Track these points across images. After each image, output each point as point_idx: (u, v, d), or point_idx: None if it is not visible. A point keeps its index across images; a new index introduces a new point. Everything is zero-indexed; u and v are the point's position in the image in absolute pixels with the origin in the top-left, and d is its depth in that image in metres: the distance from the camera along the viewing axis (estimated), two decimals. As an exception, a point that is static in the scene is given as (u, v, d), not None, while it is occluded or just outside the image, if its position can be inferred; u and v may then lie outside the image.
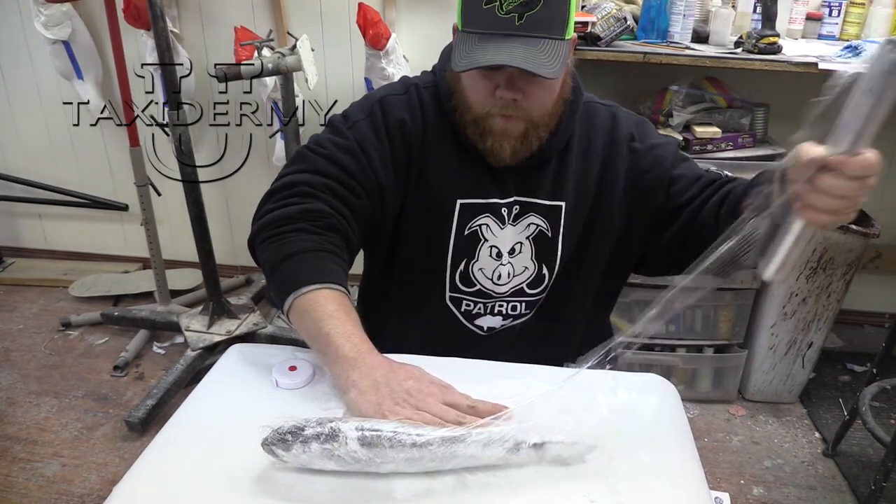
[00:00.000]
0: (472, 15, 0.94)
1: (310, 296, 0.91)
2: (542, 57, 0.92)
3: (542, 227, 1.09)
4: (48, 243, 3.13)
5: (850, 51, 1.94)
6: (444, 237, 1.09)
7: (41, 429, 2.13)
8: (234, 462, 0.77)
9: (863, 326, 2.73)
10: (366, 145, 1.04)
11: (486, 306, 1.13)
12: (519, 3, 0.91)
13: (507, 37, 0.92)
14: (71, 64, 2.55)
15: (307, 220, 0.98)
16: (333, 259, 0.96)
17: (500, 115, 0.99)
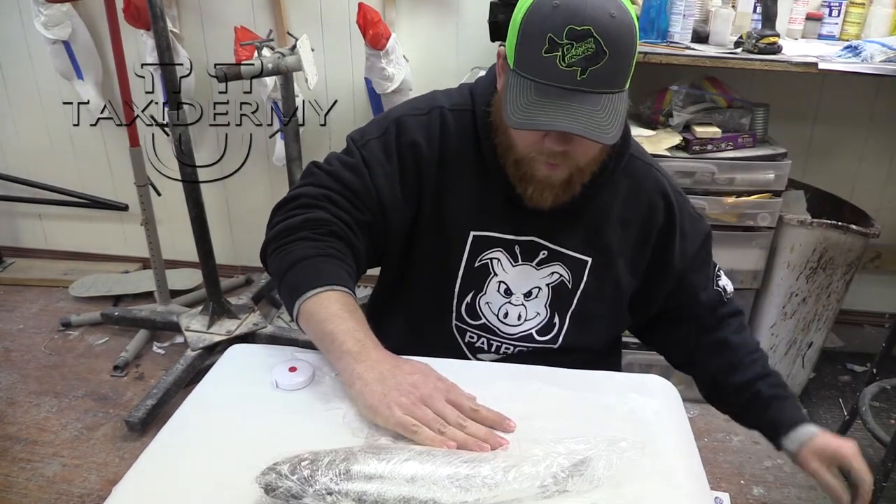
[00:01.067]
0: (530, 59, 0.87)
1: (314, 299, 0.91)
2: (602, 118, 0.86)
3: (564, 277, 1.08)
4: (48, 243, 3.13)
5: (850, 51, 1.94)
6: (455, 266, 1.07)
7: (41, 429, 2.13)
8: (234, 463, 0.77)
9: (863, 326, 2.73)
10: (372, 163, 1.03)
11: (491, 344, 1.11)
12: (583, 56, 0.83)
13: (567, 92, 0.85)
14: (71, 64, 2.55)
15: (309, 229, 0.99)
16: (335, 262, 0.96)
17: (545, 163, 0.95)
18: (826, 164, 2.48)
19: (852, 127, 2.44)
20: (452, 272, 1.07)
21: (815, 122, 2.45)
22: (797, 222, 2.02)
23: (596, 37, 0.83)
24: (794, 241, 2.04)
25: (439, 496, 0.69)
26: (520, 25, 0.87)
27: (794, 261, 2.06)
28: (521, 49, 0.88)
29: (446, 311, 1.10)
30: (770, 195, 2.03)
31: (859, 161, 2.49)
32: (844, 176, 2.49)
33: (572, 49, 0.83)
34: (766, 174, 2.02)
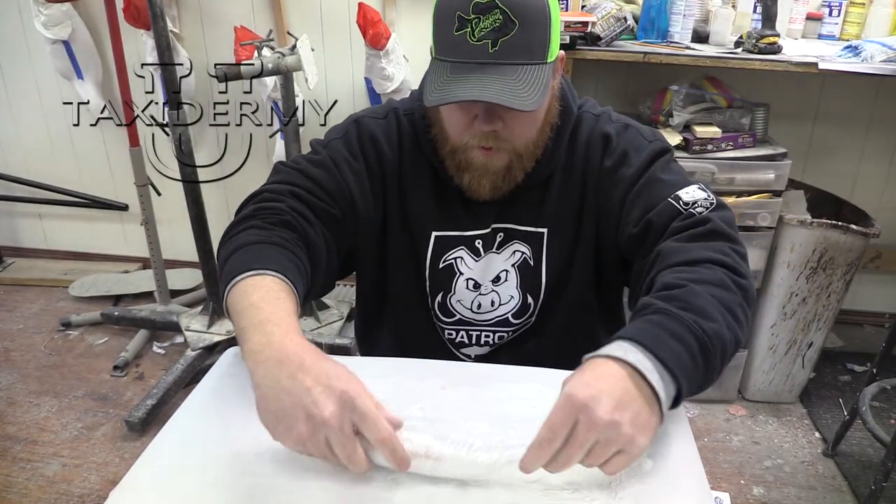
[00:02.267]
0: (444, 41, 0.88)
1: (238, 286, 0.83)
2: (519, 87, 0.86)
3: (525, 254, 1.06)
4: (48, 243, 3.13)
5: (850, 51, 1.94)
6: (422, 268, 1.07)
7: (41, 429, 2.13)
8: (234, 464, 0.77)
9: (863, 326, 2.73)
10: (338, 160, 1.02)
11: (470, 336, 1.11)
12: (492, 28, 0.84)
13: (480, 66, 0.86)
14: (71, 64, 2.55)
15: (259, 218, 0.94)
16: (275, 249, 0.89)
17: (479, 147, 0.94)
18: (826, 163, 2.48)
19: (852, 127, 2.44)
20: (420, 273, 1.07)
21: (815, 122, 2.45)
22: (797, 222, 2.02)
23: (502, 7, 0.84)
24: (794, 241, 2.04)
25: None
26: (434, 12, 0.89)
27: (794, 261, 2.06)
28: (436, 34, 0.89)
29: (425, 313, 1.11)
30: (770, 195, 2.03)
31: (859, 161, 2.49)
32: (844, 176, 2.49)
33: (480, 22, 0.84)
34: (766, 174, 2.02)
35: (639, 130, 1.04)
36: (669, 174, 0.99)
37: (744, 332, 0.83)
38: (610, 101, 1.15)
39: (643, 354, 0.72)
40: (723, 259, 0.86)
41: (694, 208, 0.93)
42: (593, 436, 0.67)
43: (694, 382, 0.75)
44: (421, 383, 0.90)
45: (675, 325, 0.75)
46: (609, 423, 0.67)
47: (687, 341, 0.74)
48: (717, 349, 0.76)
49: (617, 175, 1.01)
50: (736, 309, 0.81)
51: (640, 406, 0.69)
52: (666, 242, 0.91)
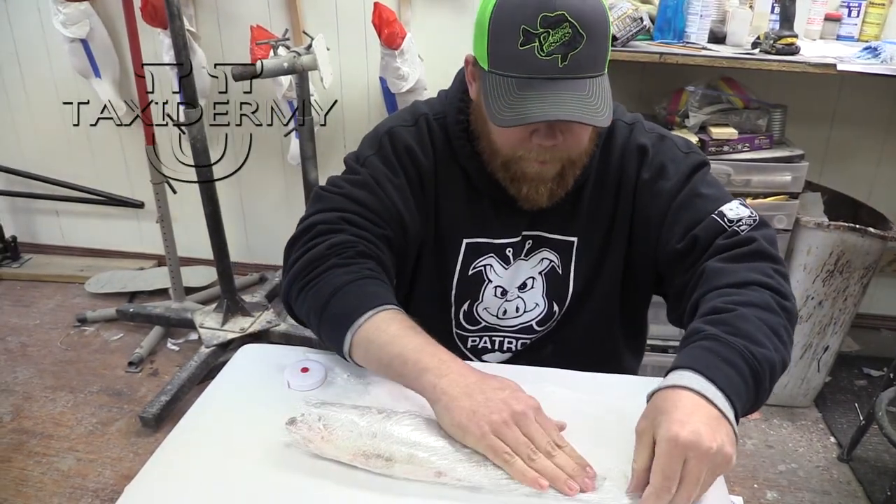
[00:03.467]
0: (505, 55, 0.85)
1: (366, 326, 0.85)
2: (592, 102, 0.84)
3: (554, 262, 1.05)
4: (65, 239, 3.17)
5: (869, 52, 1.92)
6: (450, 275, 1.06)
7: (57, 423, 2.15)
8: (246, 462, 0.78)
9: (880, 331, 2.70)
10: (380, 178, 1.00)
11: (493, 342, 1.11)
12: (561, 42, 0.82)
13: (550, 81, 0.83)
14: (89, 62, 2.57)
15: (335, 255, 0.92)
16: (375, 283, 0.90)
17: (535, 160, 0.92)
18: (843, 166, 2.46)
19: (870, 129, 2.42)
20: (448, 281, 1.06)
21: (832, 124, 2.42)
22: (814, 224, 2.00)
23: (571, 21, 0.82)
24: (811, 244, 2.02)
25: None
26: (488, 25, 0.86)
27: (810, 263, 2.04)
28: (495, 48, 0.86)
29: (447, 322, 1.10)
30: (787, 197, 2.01)
31: (877, 163, 2.46)
32: (862, 178, 2.47)
33: (549, 37, 0.82)
34: (783, 176, 2.00)
35: (674, 142, 1.04)
36: (709, 188, 0.99)
37: (789, 354, 0.84)
38: (625, 101, 1.13)
39: (704, 381, 0.74)
40: (767, 282, 0.87)
41: (738, 226, 0.94)
42: (704, 466, 0.70)
43: (747, 405, 0.78)
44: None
45: (727, 351, 0.77)
46: (716, 451, 0.69)
47: (739, 366, 0.77)
48: (766, 372, 0.79)
49: (655, 188, 1.00)
50: (781, 332, 0.83)
51: (727, 426, 0.73)
52: (710, 262, 0.92)
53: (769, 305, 0.84)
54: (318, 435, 0.76)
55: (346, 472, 0.75)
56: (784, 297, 0.87)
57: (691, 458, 0.69)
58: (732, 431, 0.73)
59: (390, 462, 0.74)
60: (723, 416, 0.73)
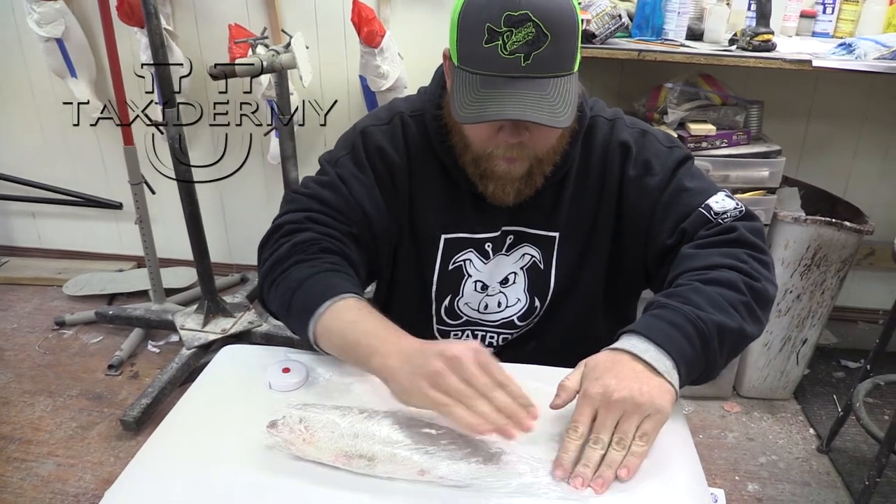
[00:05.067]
0: (471, 53, 0.86)
1: (326, 315, 0.88)
2: (553, 102, 0.85)
3: (535, 258, 1.06)
4: (42, 242, 3.12)
5: (844, 48, 1.94)
6: (430, 271, 1.07)
7: (35, 428, 2.12)
8: (228, 464, 0.77)
9: (857, 323, 2.74)
10: (346, 177, 1.02)
11: (475, 335, 1.11)
12: (524, 42, 0.82)
13: (512, 80, 0.84)
14: (64, 62, 2.53)
15: (300, 252, 0.96)
16: (336, 275, 0.93)
17: (503, 157, 0.94)
18: (820, 161, 2.49)
19: (846, 124, 2.45)
20: (428, 277, 1.07)
21: (809, 120, 2.45)
22: (791, 219, 2.03)
23: (535, 20, 0.82)
24: (789, 238, 2.04)
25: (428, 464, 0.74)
26: (457, 21, 0.87)
27: (788, 257, 2.06)
28: (462, 44, 0.87)
29: (427, 318, 1.10)
30: (764, 192, 2.04)
31: (853, 158, 2.49)
32: (838, 173, 2.50)
33: (512, 35, 0.83)
34: (761, 171, 2.02)
35: (656, 137, 1.05)
36: (694, 181, 1.01)
37: (755, 328, 0.88)
38: (605, 98, 1.14)
39: (637, 339, 0.81)
40: (738, 265, 0.90)
41: (723, 217, 0.97)
42: (615, 414, 0.75)
43: (696, 364, 0.82)
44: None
45: (672, 314, 0.83)
46: (624, 397, 0.75)
47: (682, 327, 0.81)
48: (713, 335, 0.82)
49: (642, 184, 1.02)
50: (740, 307, 0.86)
51: (647, 378, 0.77)
52: (685, 247, 0.95)
53: (733, 284, 0.87)
54: (300, 437, 0.76)
55: (329, 472, 0.75)
56: (753, 278, 0.89)
57: (600, 407, 0.75)
58: (665, 384, 0.78)
59: (372, 462, 0.74)
60: (653, 370, 0.78)
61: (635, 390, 0.75)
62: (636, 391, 0.75)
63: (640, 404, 0.75)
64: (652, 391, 0.76)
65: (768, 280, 0.91)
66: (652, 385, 0.77)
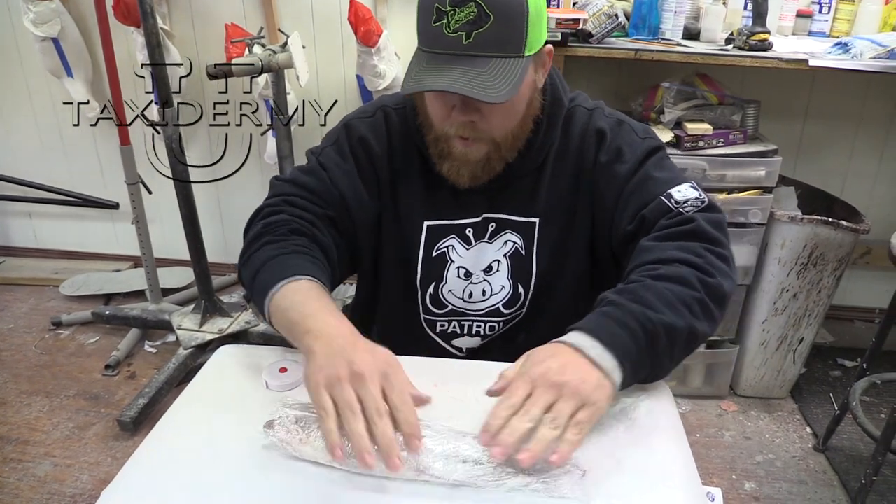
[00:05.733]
0: (424, 32, 0.90)
1: (278, 295, 0.90)
2: (489, 80, 0.87)
3: (517, 244, 1.08)
4: (38, 242, 3.12)
5: (840, 47, 1.95)
6: (414, 258, 1.09)
7: (32, 428, 2.12)
8: (225, 464, 0.77)
9: (853, 322, 2.74)
10: (327, 164, 1.07)
11: (462, 326, 1.12)
12: (466, 21, 0.86)
13: (454, 57, 0.88)
14: (60, 62, 2.53)
15: (270, 233, 1.00)
16: (297, 256, 0.96)
17: (458, 136, 0.97)
18: (816, 160, 2.49)
19: (842, 123, 2.45)
20: (413, 265, 1.09)
21: (805, 119, 2.46)
22: (788, 218, 2.03)
23: (478, 0, 0.85)
24: (785, 237, 2.05)
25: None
26: (418, 2, 0.91)
27: (784, 257, 2.07)
28: (419, 25, 0.91)
29: (413, 308, 1.12)
30: (761, 191, 2.04)
31: (849, 157, 2.50)
32: (835, 172, 2.50)
33: (455, 14, 0.86)
34: (757, 171, 2.03)
35: (632, 127, 1.07)
36: (662, 171, 1.02)
37: (705, 326, 0.87)
38: (601, 98, 1.14)
39: (583, 336, 0.81)
40: (692, 259, 0.90)
41: (683, 207, 0.97)
42: (551, 394, 0.75)
43: (640, 364, 0.82)
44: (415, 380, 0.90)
45: (620, 313, 0.83)
46: (563, 381, 0.76)
47: (629, 326, 0.82)
48: (660, 335, 0.82)
49: (611, 171, 1.03)
50: (693, 304, 0.86)
51: (587, 371, 0.78)
52: (643, 240, 0.96)
53: (685, 280, 0.87)
54: (296, 437, 0.76)
55: (326, 471, 0.75)
56: (708, 274, 0.89)
57: (537, 385, 0.76)
58: (605, 381, 0.78)
59: None
60: (595, 366, 0.79)
61: (576, 377, 0.76)
62: (576, 379, 0.76)
63: (578, 391, 0.76)
64: (591, 382, 0.77)
65: (724, 274, 0.91)
66: (591, 377, 0.78)
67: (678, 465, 0.80)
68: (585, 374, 0.78)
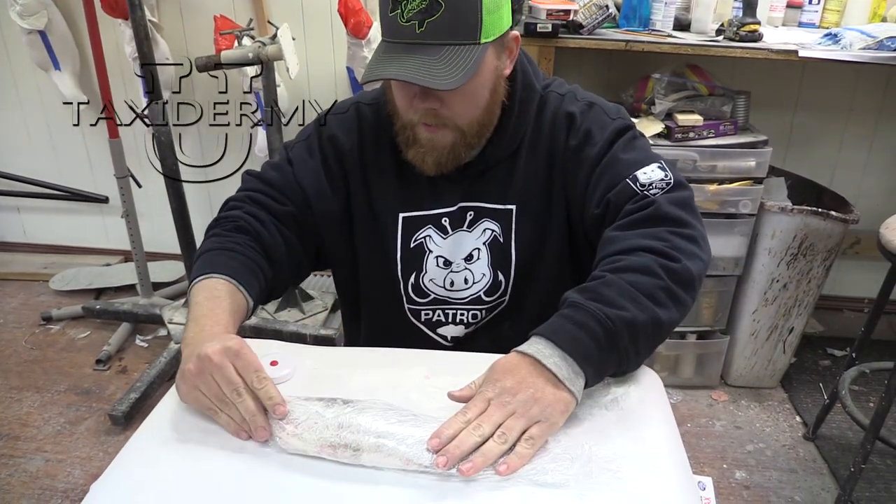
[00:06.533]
0: (383, 23, 0.92)
1: (192, 290, 0.95)
2: (440, 67, 0.88)
3: (495, 232, 1.08)
4: (27, 237, 3.10)
5: (829, 38, 1.95)
6: (392, 250, 1.09)
7: (23, 424, 2.11)
8: (215, 457, 0.77)
9: (842, 311, 2.76)
10: (295, 160, 1.09)
11: (446, 314, 1.13)
12: (419, 10, 0.87)
13: (408, 46, 0.89)
14: (48, 55, 2.51)
15: (219, 227, 1.05)
16: (226, 254, 0.99)
17: (422, 123, 0.98)
18: (806, 151, 2.50)
19: (832, 114, 2.46)
20: (391, 257, 1.10)
21: (795, 110, 2.46)
22: (778, 209, 2.04)
23: None
24: (775, 228, 2.06)
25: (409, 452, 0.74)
26: None
27: (774, 247, 2.08)
28: (380, 16, 0.93)
29: (397, 298, 1.12)
30: (751, 182, 2.05)
31: (839, 148, 2.51)
32: (824, 163, 2.51)
33: (408, 4, 0.87)
34: (748, 161, 2.03)
35: (603, 108, 1.06)
36: (630, 152, 1.01)
37: (672, 313, 0.87)
38: (592, 89, 1.14)
39: (543, 344, 0.81)
40: (655, 245, 0.89)
41: (648, 190, 0.96)
42: (503, 411, 0.76)
43: (603, 365, 0.83)
44: (405, 372, 0.91)
45: (580, 314, 0.82)
46: (516, 401, 0.77)
47: (589, 327, 0.81)
48: (622, 332, 0.82)
49: (582, 155, 1.03)
50: (656, 293, 0.86)
51: (543, 385, 0.78)
52: (608, 230, 0.95)
53: (647, 269, 0.87)
54: (285, 430, 0.76)
55: (316, 463, 0.75)
56: (672, 259, 0.88)
57: (492, 404, 0.77)
58: (561, 393, 0.79)
59: (358, 452, 0.74)
60: (555, 379, 0.79)
61: (529, 396, 0.77)
62: (529, 397, 0.77)
63: (530, 410, 0.76)
64: (546, 399, 0.77)
65: (691, 256, 0.90)
66: (547, 394, 0.78)
67: (669, 454, 0.80)
68: (540, 390, 0.78)
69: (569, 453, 0.76)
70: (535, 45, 1.94)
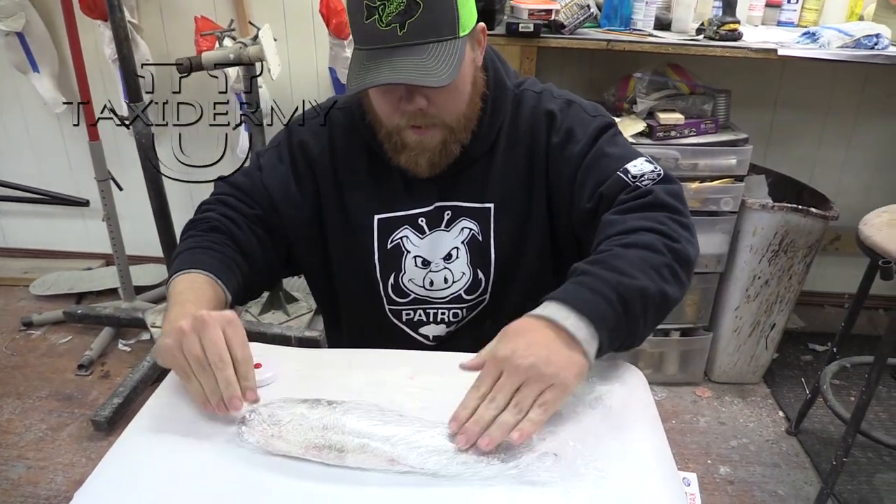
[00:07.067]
0: (358, 31, 0.92)
1: (170, 284, 0.96)
2: (430, 64, 0.89)
3: (474, 231, 1.08)
4: (6, 241, 3.06)
5: (808, 37, 1.97)
6: (369, 252, 1.09)
7: (4, 431, 2.08)
8: (199, 461, 0.76)
9: (823, 307, 2.79)
10: (265, 166, 1.10)
11: (427, 314, 1.13)
12: (397, 12, 0.87)
13: (392, 49, 0.89)
14: (26, 57, 2.48)
15: (193, 229, 1.06)
16: (203, 252, 1.00)
17: (410, 126, 0.98)
18: (786, 149, 2.53)
19: (811, 112, 2.49)
20: (369, 259, 1.10)
21: (775, 108, 2.49)
22: (759, 206, 2.06)
23: None
24: (756, 225, 2.08)
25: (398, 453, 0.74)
26: (346, 4, 0.93)
27: (756, 244, 2.10)
28: (351, 25, 0.93)
29: (377, 300, 1.12)
30: (732, 180, 2.06)
31: (818, 146, 2.54)
32: (804, 160, 2.54)
33: (385, 8, 0.87)
34: (729, 159, 2.05)
35: (581, 106, 1.08)
36: (616, 148, 1.03)
37: (677, 290, 0.88)
38: (574, 88, 1.14)
39: (558, 306, 0.81)
40: (657, 227, 0.91)
41: (641, 181, 0.98)
42: (517, 378, 0.76)
43: (617, 331, 0.82)
44: (389, 373, 0.91)
45: (593, 281, 0.83)
46: (529, 364, 0.76)
47: (603, 293, 0.81)
48: (635, 299, 0.83)
49: (565, 152, 1.04)
50: (662, 268, 0.87)
51: (558, 347, 0.78)
52: (606, 214, 0.96)
53: (652, 246, 0.88)
54: (269, 432, 0.76)
55: (301, 465, 0.75)
56: (673, 239, 0.90)
57: (505, 370, 0.77)
58: (576, 356, 0.78)
59: (343, 453, 0.74)
60: (571, 341, 0.78)
61: (542, 358, 0.76)
62: (543, 359, 0.76)
63: (544, 374, 0.75)
64: (560, 362, 0.77)
65: (688, 241, 0.92)
66: (561, 356, 0.77)
67: (654, 451, 0.80)
68: (553, 352, 0.77)
69: (554, 451, 0.76)
70: (518, 45, 1.94)
